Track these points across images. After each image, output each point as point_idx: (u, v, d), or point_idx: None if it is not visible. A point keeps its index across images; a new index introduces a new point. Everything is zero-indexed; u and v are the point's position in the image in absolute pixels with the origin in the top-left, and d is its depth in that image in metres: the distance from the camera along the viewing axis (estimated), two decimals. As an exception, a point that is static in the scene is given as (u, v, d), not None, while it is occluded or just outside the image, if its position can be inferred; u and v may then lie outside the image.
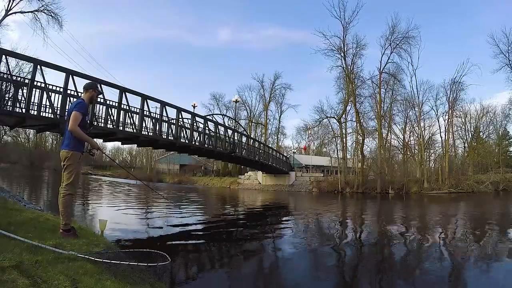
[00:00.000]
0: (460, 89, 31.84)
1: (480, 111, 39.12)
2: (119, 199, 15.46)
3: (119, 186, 26.55)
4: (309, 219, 11.43)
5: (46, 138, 53.53)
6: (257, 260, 5.50)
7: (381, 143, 31.81)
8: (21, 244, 2.59)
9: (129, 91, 10.97)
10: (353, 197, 24.79)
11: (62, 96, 8.82)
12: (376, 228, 9.54)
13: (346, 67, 32.37)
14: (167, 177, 45.57)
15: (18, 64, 21.73)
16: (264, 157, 25.13)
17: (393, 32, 31.22)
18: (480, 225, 9.96)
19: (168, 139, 12.92)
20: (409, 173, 31.20)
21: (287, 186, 31.58)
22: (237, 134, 19.57)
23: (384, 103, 32.63)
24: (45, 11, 22.55)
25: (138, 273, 3.02)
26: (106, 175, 50.08)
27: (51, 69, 8.87)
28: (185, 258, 5.08)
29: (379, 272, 4.93)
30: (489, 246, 6.76)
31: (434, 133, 33.14)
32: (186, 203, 15.62)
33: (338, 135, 33.73)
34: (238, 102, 39.80)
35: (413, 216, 13.00)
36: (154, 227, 8.18)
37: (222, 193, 27.08)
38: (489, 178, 30.10)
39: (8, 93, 8.50)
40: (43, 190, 18.12)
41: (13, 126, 10.29)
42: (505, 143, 39.03)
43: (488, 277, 4.64)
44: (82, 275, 2.30)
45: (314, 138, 40.28)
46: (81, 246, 3.04)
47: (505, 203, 19.91)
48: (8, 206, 5.04)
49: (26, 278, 1.97)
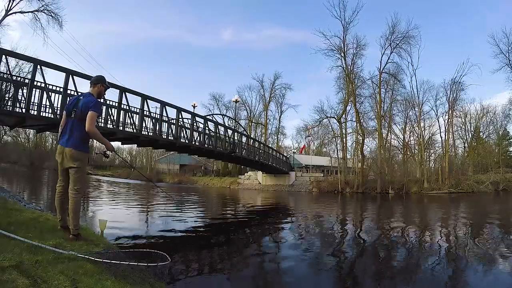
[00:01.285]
0: (460, 89, 31.93)
1: (480, 111, 39.19)
2: (119, 199, 15.46)
3: (119, 186, 26.55)
4: (309, 219, 11.43)
5: (46, 138, 53.55)
6: (257, 260, 5.50)
7: (381, 143, 31.82)
8: (21, 244, 2.59)
9: (129, 91, 10.98)
10: (353, 197, 24.79)
11: (62, 96, 8.82)
12: (376, 228, 9.53)
13: (346, 67, 32.42)
14: (167, 177, 45.56)
15: (18, 64, 21.77)
16: (264, 157, 25.13)
17: (393, 32, 31.31)
18: (480, 225, 9.97)
19: (168, 139, 12.92)
20: (409, 173, 31.22)
21: (287, 186, 31.58)
22: (237, 134, 19.57)
23: (384, 103, 32.70)
24: (45, 11, 22.60)
25: (138, 273, 3.02)
26: (106, 175, 50.09)
27: (51, 69, 8.85)
28: (185, 258, 5.07)
29: (379, 272, 4.93)
30: (489, 246, 6.76)
31: (434, 133, 33.22)
32: (186, 203, 15.61)
33: (338, 135, 33.78)
34: (238, 102, 39.80)
35: (413, 216, 13.00)
36: (154, 227, 8.18)
37: (222, 193, 27.07)
38: (489, 178, 30.11)
39: (8, 93, 8.50)
40: (43, 190, 18.11)
41: (13, 126, 10.28)
42: (505, 143, 39.04)
43: (489, 277, 4.64)
44: (82, 275, 2.30)
45: (314, 138, 40.30)
46: (81, 246, 3.04)
47: (505, 203, 19.91)
48: (8, 206, 5.03)
49: (26, 278, 1.97)
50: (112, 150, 3.43)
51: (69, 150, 3.24)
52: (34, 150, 51.69)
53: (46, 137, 52.21)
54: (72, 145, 3.24)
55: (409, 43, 31.20)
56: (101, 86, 3.52)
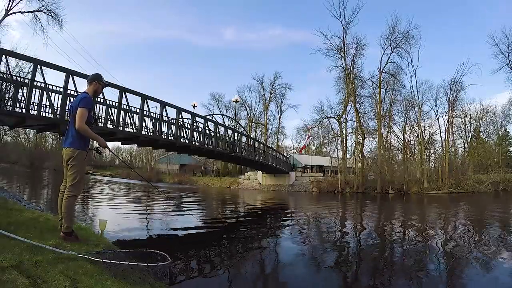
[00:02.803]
0: (460, 89, 31.95)
1: (480, 111, 39.22)
2: (119, 199, 15.46)
3: (119, 186, 26.55)
4: (309, 219, 11.43)
5: (46, 138, 53.56)
6: (257, 260, 5.50)
7: (381, 143, 31.81)
8: (21, 244, 2.59)
9: (129, 91, 10.98)
10: (353, 197, 24.79)
11: (62, 96, 8.82)
12: (376, 228, 9.54)
13: (346, 67, 32.42)
14: (167, 177, 45.55)
15: (18, 64, 21.77)
16: (264, 157, 25.13)
17: (393, 32, 31.31)
18: (480, 225, 9.97)
19: (168, 139, 12.92)
20: (409, 173, 31.21)
21: (287, 186, 31.58)
22: (237, 134, 19.56)
23: (384, 103, 32.70)
24: (45, 11, 22.56)
25: (138, 273, 3.02)
26: (106, 175, 50.10)
27: (51, 69, 8.86)
28: (185, 258, 5.07)
29: (380, 272, 4.93)
30: (489, 245, 6.76)
31: (434, 133, 33.23)
32: (186, 203, 15.61)
33: (338, 135, 33.79)
34: (238, 102, 39.79)
35: (413, 216, 13.00)
36: (154, 227, 8.18)
37: (222, 193, 27.07)
38: (489, 178, 30.13)
39: (8, 93, 8.49)
40: (43, 190, 18.12)
41: (13, 126, 10.28)
42: (505, 143, 39.07)
43: (489, 277, 4.64)
44: (82, 275, 2.30)
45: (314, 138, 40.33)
46: (81, 246, 3.04)
47: (505, 203, 19.92)
48: (8, 206, 5.04)
49: (26, 278, 1.97)
50: (104, 146, 3.37)
51: (65, 150, 3.26)
52: (34, 150, 51.68)
53: (46, 137, 52.24)
54: (68, 144, 3.25)
55: (409, 43, 31.25)
56: (96, 84, 3.51)
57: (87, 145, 3.37)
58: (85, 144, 3.31)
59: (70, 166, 3.23)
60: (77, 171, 3.23)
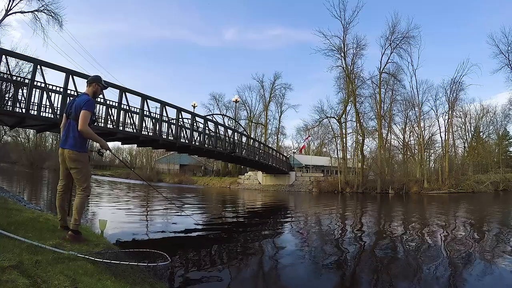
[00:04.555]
0: (460, 89, 32.01)
1: (480, 111, 39.28)
2: (119, 199, 15.46)
3: (120, 186, 26.54)
4: (309, 219, 11.43)
5: (46, 138, 53.63)
6: (257, 260, 5.50)
7: (381, 143, 31.83)
8: (21, 244, 2.59)
9: (129, 91, 10.98)
10: (353, 197, 24.79)
11: (62, 96, 8.83)
12: (376, 228, 9.54)
13: (346, 67, 32.43)
14: (167, 177, 45.57)
15: (18, 64, 21.80)
16: (264, 157, 25.14)
17: (393, 32, 31.37)
18: (480, 225, 9.97)
19: (168, 139, 12.92)
20: (409, 173, 31.24)
21: (287, 186, 31.58)
22: (237, 134, 19.57)
23: (384, 103, 32.74)
24: (45, 11, 22.58)
25: (138, 273, 3.02)
26: (106, 175, 50.10)
27: (51, 69, 8.88)
28: (185, 258, 5.07)
29: (380, 272, 4.93)
30: (489, 245, 6.76)
31: (434, 133, 33.28)
32: (186, 203, 15.61)
33: (338, 135, 33.82)
34: (238, 102, 39.82)
35: (413, 216, 12.99)
36: (154, 227, 8.17)
37: (222, 193, 27.07)
38: (489, 178, 30.15)
39: (8, 93, 8.50)
40: (43, 190, 18.11)
41: (13, 126, 10.29)
42: (505, 143, 39.11)
43: (489, 277, 4.63)
44: (82, 275, 2.30)
45: (314, 138, 40.37)
46: (81, 246, 3.03)
47: (505, 203, 19.91)
48: (8, 206, 5.03)
49: (26, 278, 1.97)
50: (106, 148, 3.39)
51: (67, 151, 3.24)
52: (34, 150, 51.72)
53: (46, 137, 52.31)
54: (69, 146, 3.25)
55: (409, 43, 31.31)
56: (96, 86, 3.54)
57: (88, 146, 3.42)
58: (86, 146, 3.36)
59: (75, 169, 3.26)
60: (85, 173, 3.30)
